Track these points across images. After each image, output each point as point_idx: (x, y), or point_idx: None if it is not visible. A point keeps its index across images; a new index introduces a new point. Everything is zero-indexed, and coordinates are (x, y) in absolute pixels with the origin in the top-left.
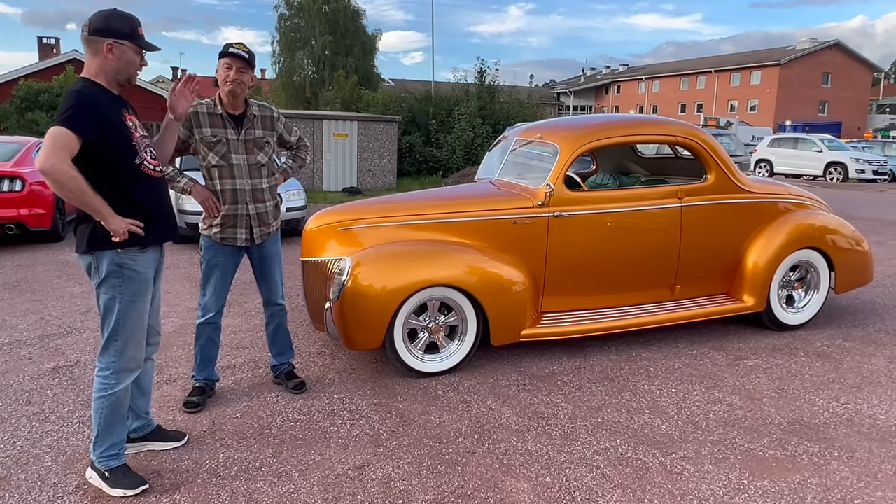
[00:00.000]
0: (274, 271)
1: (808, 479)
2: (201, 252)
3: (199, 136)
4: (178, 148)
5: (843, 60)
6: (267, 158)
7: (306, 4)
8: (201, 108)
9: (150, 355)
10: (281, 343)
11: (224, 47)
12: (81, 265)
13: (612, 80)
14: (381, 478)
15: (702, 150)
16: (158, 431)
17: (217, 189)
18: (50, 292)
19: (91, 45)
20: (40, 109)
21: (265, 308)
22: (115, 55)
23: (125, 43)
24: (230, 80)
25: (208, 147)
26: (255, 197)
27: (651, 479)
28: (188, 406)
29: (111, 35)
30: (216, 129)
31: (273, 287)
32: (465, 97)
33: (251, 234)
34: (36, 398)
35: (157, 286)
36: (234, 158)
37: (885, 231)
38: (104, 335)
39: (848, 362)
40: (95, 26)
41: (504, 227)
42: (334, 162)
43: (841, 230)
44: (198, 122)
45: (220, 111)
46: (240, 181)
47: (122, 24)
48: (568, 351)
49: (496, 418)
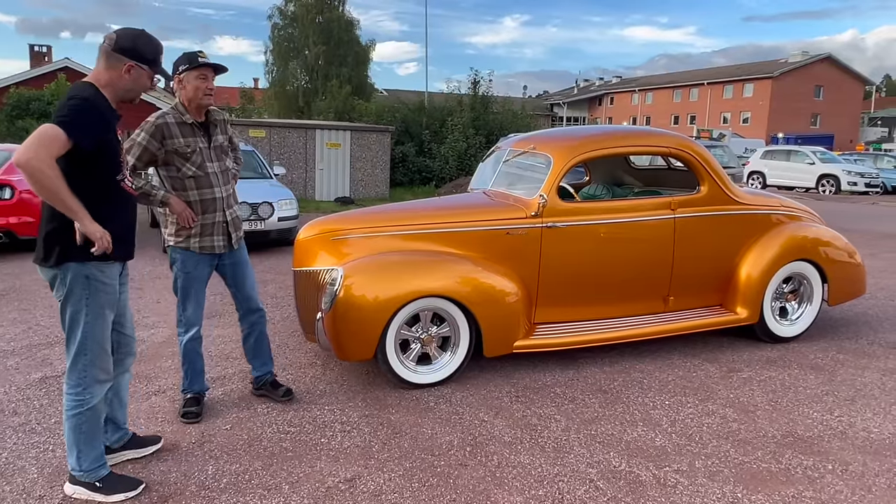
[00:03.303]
0: (248, 276)
1: (801, 492)
2: (175, 266)
3: (173, 147)
4: (147, 161)
5: (834, 73)
6: (231, 163)
7: (300, 14)
8: (168, 119)
9: (128, 367)
10: (263, 353)
11: (189, 57)
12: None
13: (605, 91)
14: (373, 490)
15: (695, 161)
16: (134, 439)
17: (196, 199)
18: (38, 302)
19: (111, 59)
20: (31, 117)
21: (244, 318)
22: (131, 76)
23: (145, 68)
24: (206, 92)
25: (184, 158)
26: (228, 203)
27: (644, 493)
28: (188, 417)
29: (135, 57)
30: (188, 138)
31: (250, 292)
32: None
33: (229, 239)
34: (22, 409)
35: (123, 297)
36: (208, 167)
37: (877, 243)
38: (70, 350)
39: (841, 375)
40: (122, 45)
41: (497, 237)
42: (327, 171)
43: (834, 242)
44: (170, 133)
45: (189, 120)
46: (217, 189)
47: (148, 49)
48: (561, 363)
49: (489, 430)
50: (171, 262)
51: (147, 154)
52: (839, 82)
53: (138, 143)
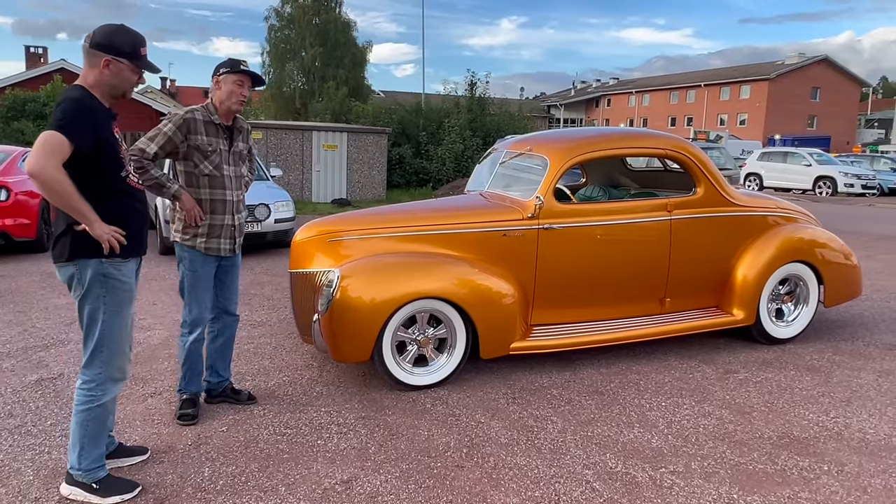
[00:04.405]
0: (236, 280)
1: (797, 493)
2: (183, 263)
3: (195, 142)
4: (169, 152)
5: (831, 75)
6: (246, 171)
7: (297, 16)
8: (197, 115)
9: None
10: (227, 357)
11: (232, 63)
12: (60, 279)
13: (602, 93)
14: (369, 492)
15: (691, 163)
16: (121, 448)
17: (206, 198)
18: (34, 303)
19: (90, 56)
20: (27, 119)
21: (218, 319)
22: (111, 71)
23: (123, 61)
24: (239, 97)
25: (203, 155)
26: (237, 208)
27: (641, 494)
28: (184, 419)
29: (111, 52)
30: (211, 137)
31: (233, 296)
32: (456, 109)
33: (233, 244)
34: (18, 411)
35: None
36: (225, 169)
37: (873, 245)
38: (88, 347)
39: (837, 376)
40: (97, 40)
41: (494, 239)
42: (324, 173)
43: (830, 244)
44: (196, 129)
45: (217, 120)
46: (229, 192)
47: (124, 41)
48: (558, 364)
49: (485, 432)
50: (179, 259)
51: (170, 144)
52: (836, 84)
53: (164, 132)
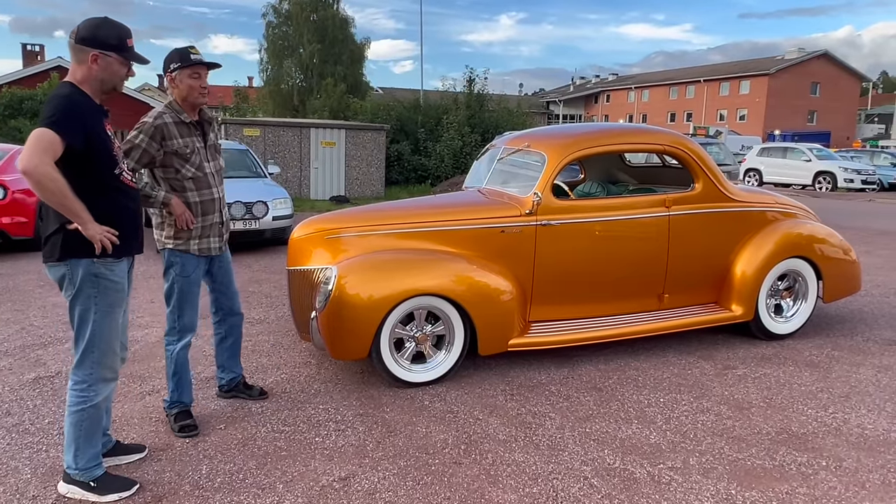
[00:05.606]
0: (233, 278)
1: (796, 489)
2: (173, 270)
3: (172, 148)
4: (145, 163)
5: (831, 70)
6: (223, 161)
7: (294, 12)
8: (167, 118)
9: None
10: (237, 355)
11: (181, 55)
12: (51, 278)
13: (601, 89)
14: (367, 489)
15: (689, 158)
16: (119, 446)
17: (196, 200)
18: (31, 302)
19: (77, 52)
20: (23, 116)
21: (224, 320)
22: (99, 66)
23: (111, 55)
24: (200, 91)
25: (184, 159)
26: (223, 203)
27: (639, 490)
28: (187, 430)
29: (97, 46)
30: (186, 138)
31: (234, 295)
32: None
33: (221, 241)
34: (16, 409)
35: (126, 299)
36: (206, 167)
37: (873, 241)
38: (79, 348)
39: (836, 372)
40: (82, 35)
41: (492, 235)
42: (322, 170)
43: (829, 239)
44: (169, 134)
45: (186, 119)
46: (215, 189)
47: (110, 34)
48: (556, 361)
49: (483, 429)
50: (168, 266)
51: (147, 156)
52: (836, 79)
53: (137, 144)
